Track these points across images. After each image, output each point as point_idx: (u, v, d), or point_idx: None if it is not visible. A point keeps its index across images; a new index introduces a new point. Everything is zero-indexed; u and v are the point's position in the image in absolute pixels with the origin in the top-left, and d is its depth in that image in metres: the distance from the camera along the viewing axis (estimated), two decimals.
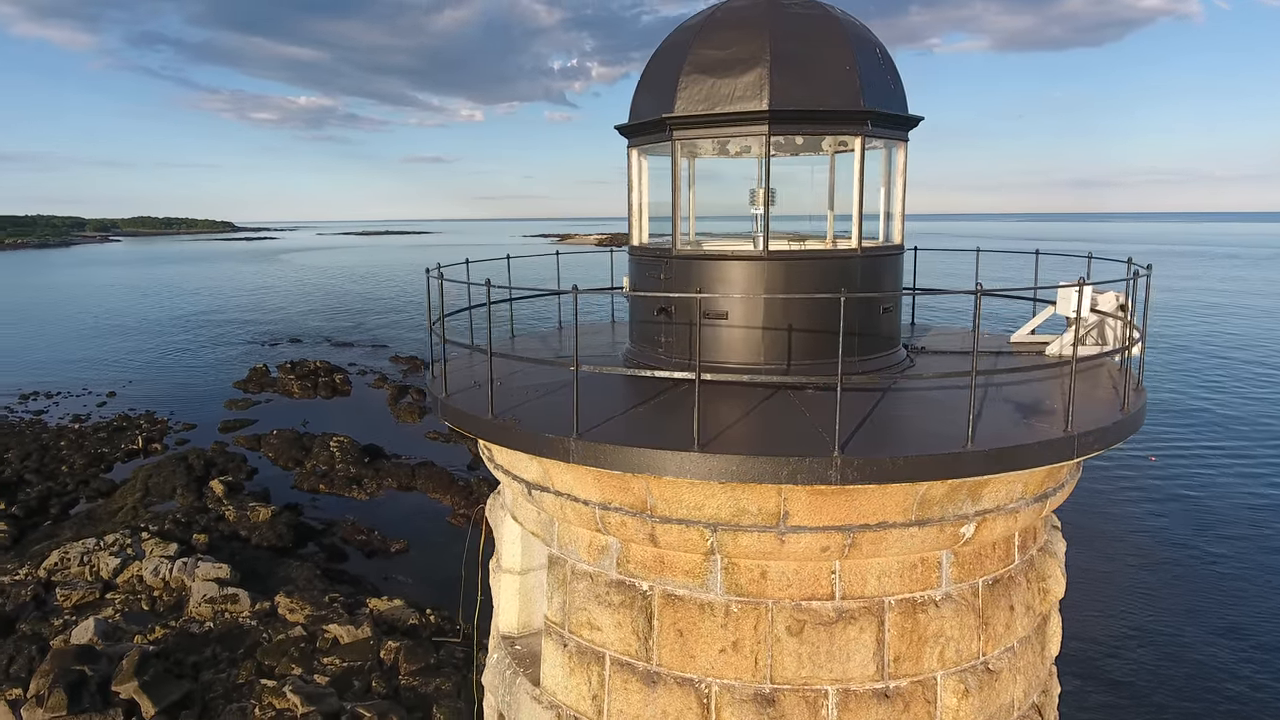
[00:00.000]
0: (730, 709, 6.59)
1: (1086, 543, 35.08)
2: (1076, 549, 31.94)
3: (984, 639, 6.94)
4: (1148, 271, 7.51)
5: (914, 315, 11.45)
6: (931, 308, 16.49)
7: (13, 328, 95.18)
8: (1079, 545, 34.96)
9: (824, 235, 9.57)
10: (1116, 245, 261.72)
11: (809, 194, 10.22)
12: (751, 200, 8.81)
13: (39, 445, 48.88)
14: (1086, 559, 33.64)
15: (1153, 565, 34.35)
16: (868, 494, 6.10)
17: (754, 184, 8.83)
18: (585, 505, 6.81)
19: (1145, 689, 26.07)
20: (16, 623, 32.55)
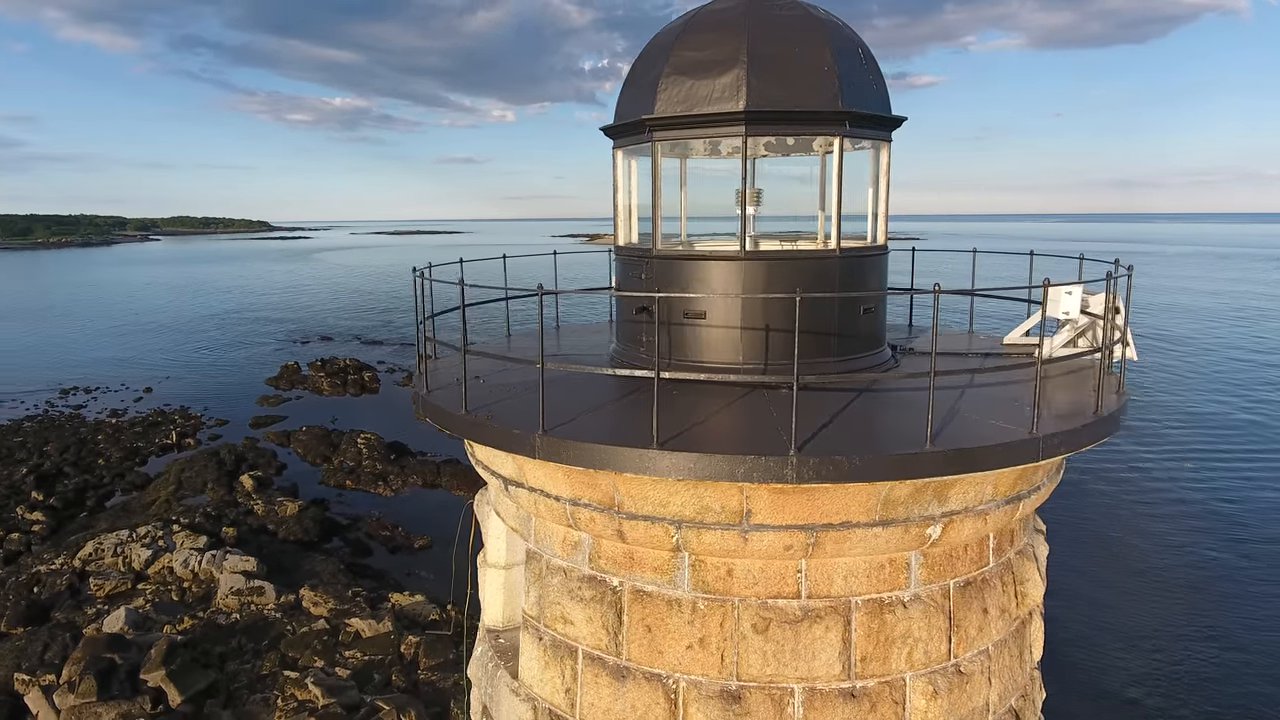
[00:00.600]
0: (697, 705, 6.68)
1: (1080, 545, 34.92)
2: (1070, 551, 31.61)
3: (955, 641, 6.93)
4: (1128, 273, 7.43)
5: (912, 316, 11.41)
6: (930, 309, 16.21)
7: (56, 325, 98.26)
8: (1073, 548, 34.59)
9: (815, 235, 9.60)
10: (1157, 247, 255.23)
11: (805, 194, 10.25)
12: (738, 200, 8.88)
13: (77, 439, 50.40)
14: (1080, 561, 33.52)
15: (1146, 569, 33.99)
16: (830, 493, 6.14)
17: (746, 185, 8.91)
18: (557, 501, 6.95)
19: (1136, 696, 25.77)
20: (51, 611, 33.61)
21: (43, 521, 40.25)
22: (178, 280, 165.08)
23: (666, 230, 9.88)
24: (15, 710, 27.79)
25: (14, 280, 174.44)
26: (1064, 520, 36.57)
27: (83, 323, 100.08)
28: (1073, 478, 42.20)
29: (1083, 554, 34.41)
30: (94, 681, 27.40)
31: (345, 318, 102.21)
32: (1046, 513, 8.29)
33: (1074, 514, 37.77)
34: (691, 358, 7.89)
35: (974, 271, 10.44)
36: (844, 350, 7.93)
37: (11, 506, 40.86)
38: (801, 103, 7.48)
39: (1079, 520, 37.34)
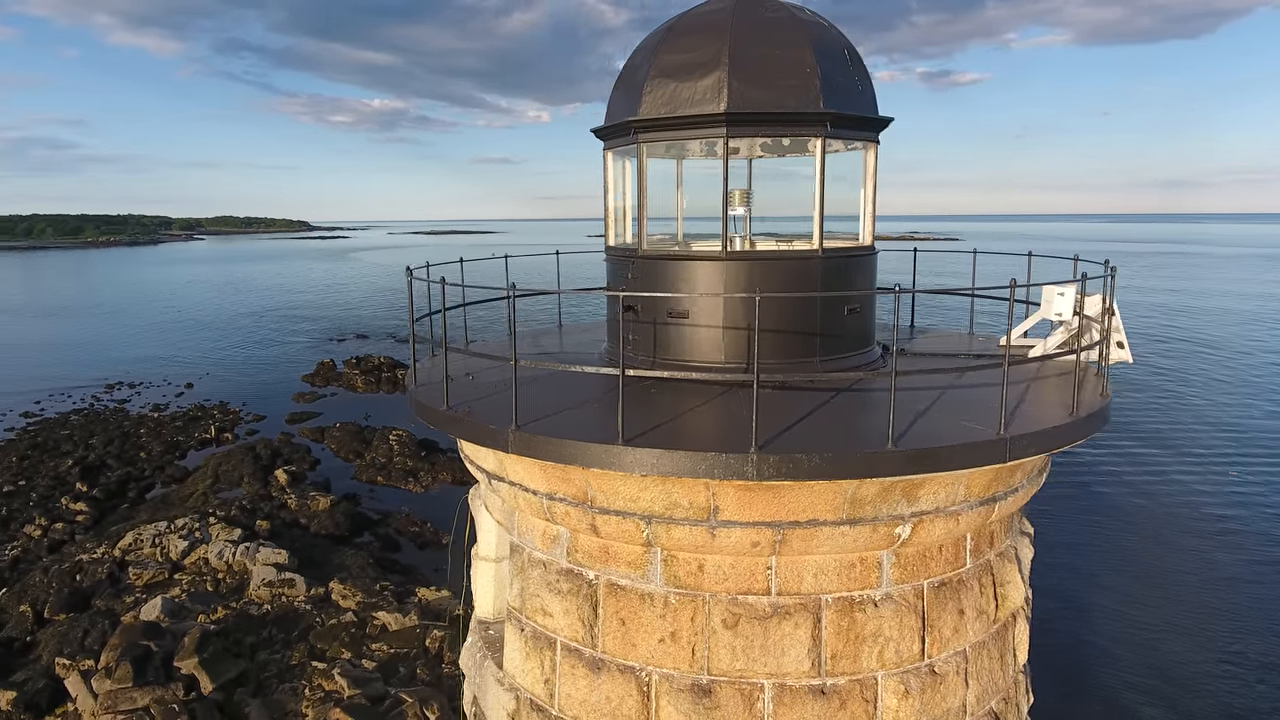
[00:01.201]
0: (668, 698, 6.82)
1: (1076, 546, 34.39)
2: (1067, 553, 30.96)
3: (929, 641, 6.97)
4: (1110, 273, 7.39)
5: (914, 317, 11.40)
6: (937, 309, 15.93)
7: (103, 322, 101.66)
8: (1070, 549, 34.08)
9: (810, 235, 9.67)
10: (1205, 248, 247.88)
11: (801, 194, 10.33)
12: (730, 201, 8.99)
13: (121, 432, 52.08)
14: (1075, 563, 33.02)
15: (1142, 573, 33.53)
16: (796, 491, 6.24)
17: (736, 185, 9.03)
18: (534, 495, 7.14)
19: (1128, 700, 25.41)
20: (92, 598, 34.80)
21: (86, 512, 41.67)
22: (219, 279, 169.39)
23: (665, 230, 10.05)
24: (56, 694, 28.83)
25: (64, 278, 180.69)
26: (1064, 521, 36.31)
27: (128, 320, 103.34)
28: (1080, 480, 41.57)
29: (1078, 556, 34.10)
30: (130, 667, 28.32)
31: (380, 316, 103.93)
32: (1042, 515, 8.21)
33: (1074, 516, 37.35)
34: (675, 356, 8.03)
35: (974, 272, 10.39)
36: (827, 350, 8.00)
37: (57, 497, 42.39)
38: (782, 104, 7.58)
39: (1078, 522, 37.01)
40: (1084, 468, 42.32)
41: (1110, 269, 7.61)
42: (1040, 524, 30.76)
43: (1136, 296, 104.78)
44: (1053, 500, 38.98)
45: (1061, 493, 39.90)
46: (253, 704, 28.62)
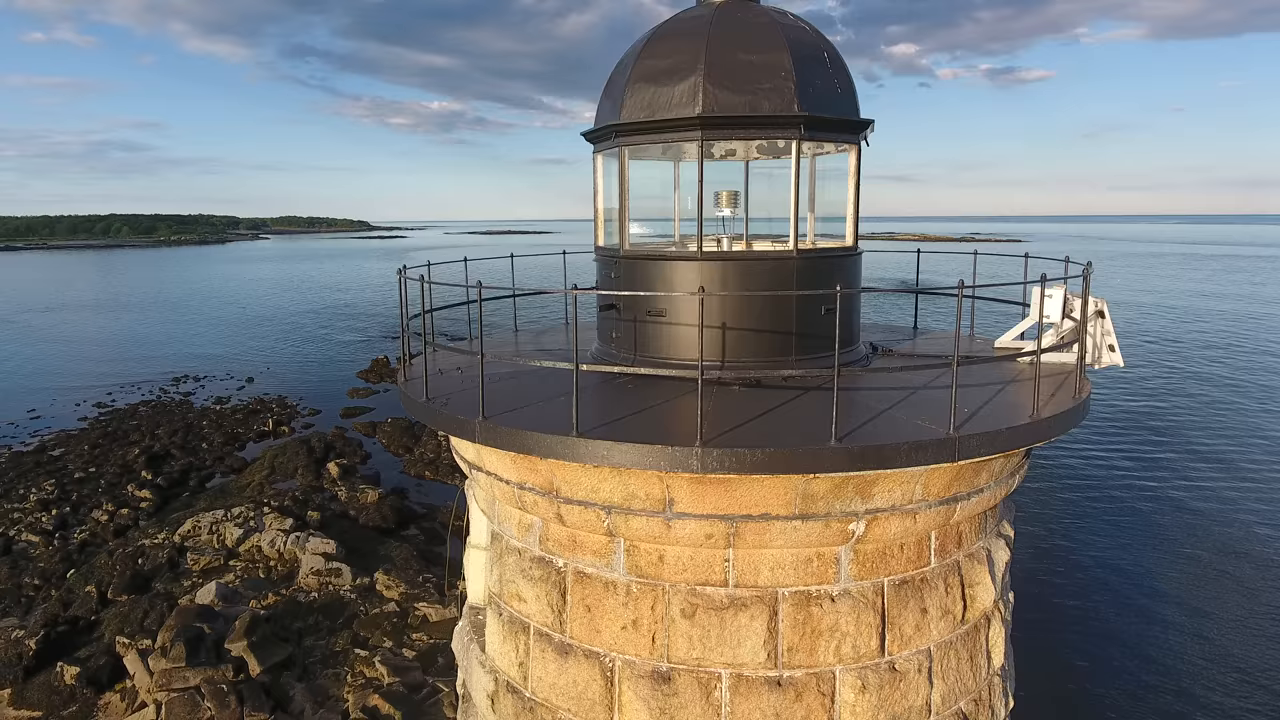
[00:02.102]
0: (629, 683, 7.10)
1: (1068, 551, 33.88)
2: (1058, 557, 30.34)
3: (890, 638, 7.10)
4: (1082, 273, 7.37)
5: (916, 318, 11.43)
6: (947, 312, 15.61)
7: (172, 318, 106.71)
8: (1062, 555, 33.53)
9: (804, 236, 9.83)
10: None
11: None
12: (716, 202, 9.24)
13: (185, 424, 54.64)
14: (1066, 568, 32.61)
15: (1147, 583, 32.50)
16: (747, 485, 6.45)
17: (729, 186, 9.27)
18: (507, 485, 7.51)
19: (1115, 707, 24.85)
20: (152, 581, 36.67)
21: (150, 499, 43.86)
22: (282, 277, 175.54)
23: (664, 232, 10.33)
24: (116, 670, 30.48)
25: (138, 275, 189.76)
26: (1059, 524, 35.96)
27: (195, 316, 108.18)
28: (1081, 485, 40.63)
29: (1078, 559, 33.56)
30: (184, 648, 29.81)
31: (435, 315, 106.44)
32: (1035, 517, 8.14)
33: (1086, 523, 36.71)
34: (655, 354, 8.31)
35: (975, 272, 10.39)
36: (804, 349, 8.16)
37: (124, 484, 44.70)
38: (757, 107, 7.78)
39: (1083, 527, 36.25)
40: (1114, 475, 41.54)
41: (1086, 267, 7.59)
42: (1042, 526, 30.27)
43: (1210, 303, 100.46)
44: (1060, 504, 38.58)
45: (1077, 497, 39.34)
46: (297, 687, 29.83)
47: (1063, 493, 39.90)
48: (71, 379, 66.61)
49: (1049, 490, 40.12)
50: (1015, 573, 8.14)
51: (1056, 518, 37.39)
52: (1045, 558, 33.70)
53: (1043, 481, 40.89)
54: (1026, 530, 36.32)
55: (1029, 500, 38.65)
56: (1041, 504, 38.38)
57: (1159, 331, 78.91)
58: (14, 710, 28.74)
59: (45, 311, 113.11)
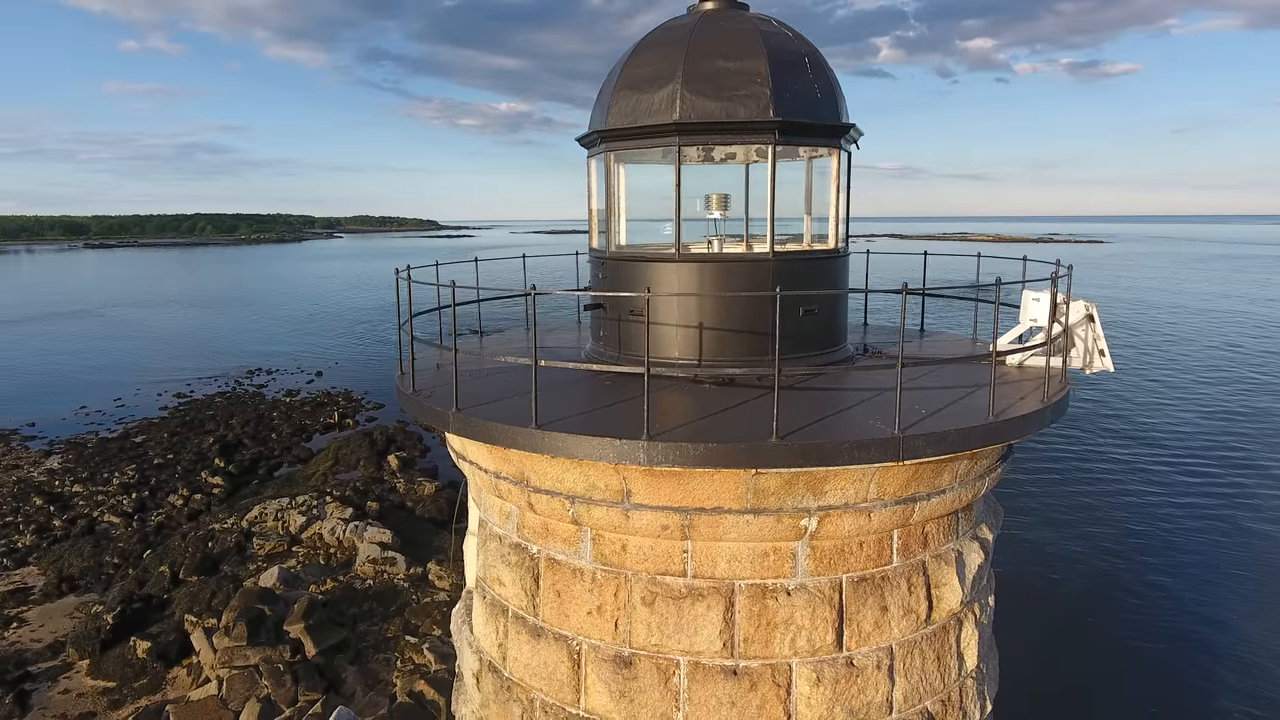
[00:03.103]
0: (594, 666, 7.49)
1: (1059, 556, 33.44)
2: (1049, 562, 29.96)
3: (847, 634, 7.28)
4: (1051, 277, 7.40)
5: (923, 320, 11.47)
6: (957, 314, 15.49)
7: (249, 313, 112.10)
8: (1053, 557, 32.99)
9: (801, 238, 10.04)
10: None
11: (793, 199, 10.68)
12: (706, 205, 9.54)
13: (257, 415, 57.45)
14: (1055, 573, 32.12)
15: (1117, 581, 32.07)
16: (699, 478, 6.76)
17: (728, 189, 9.58)
18: (486, 474, 7.99)
19: None
20: (220, 564, 38.77)
21: (222, 485, 46.30)
22: (353, 274, 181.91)
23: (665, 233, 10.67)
24: (184, 646, 32.39)
25: (219, 272, 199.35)
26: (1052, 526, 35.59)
27: (271, 311, 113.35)
28: (1080, 492, 39.52)
29: (1075, 564, 33.15)
30: (245, 628, 31.49)
31: (498, 313, 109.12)
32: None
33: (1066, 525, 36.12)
34: (636, 352, 8.66)
35: (978, 274, 10.39)
36: (782, 350, 8.34)
37: (198, 471, 47.33)
38: (733, 114, 8.05)
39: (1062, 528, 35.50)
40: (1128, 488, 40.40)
41: (1067, 268, 7.60)
42: (1044, 530, 29.62)
43: None
44: (1064, 510, 37.97)
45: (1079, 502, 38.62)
46: (349, 670, 31.19)
47: (1103, 506, 38.93)
48: (155, 370, 70.81)
49: (1077, 496, 39.54)
50: (1025, 577, 8.15)
51: (1076, 522, 37.06)
52: (1052, 561, 33.67)
53: (1071, 486, 40.12)
54: (1040, 534, 36.03)
55: (1055, 504, 38.34)
56: (1065, 510, 37.93)
57: (1236, 338, 75.27)
58: (90, 680, 30.86)
59: (134, 306, 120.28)
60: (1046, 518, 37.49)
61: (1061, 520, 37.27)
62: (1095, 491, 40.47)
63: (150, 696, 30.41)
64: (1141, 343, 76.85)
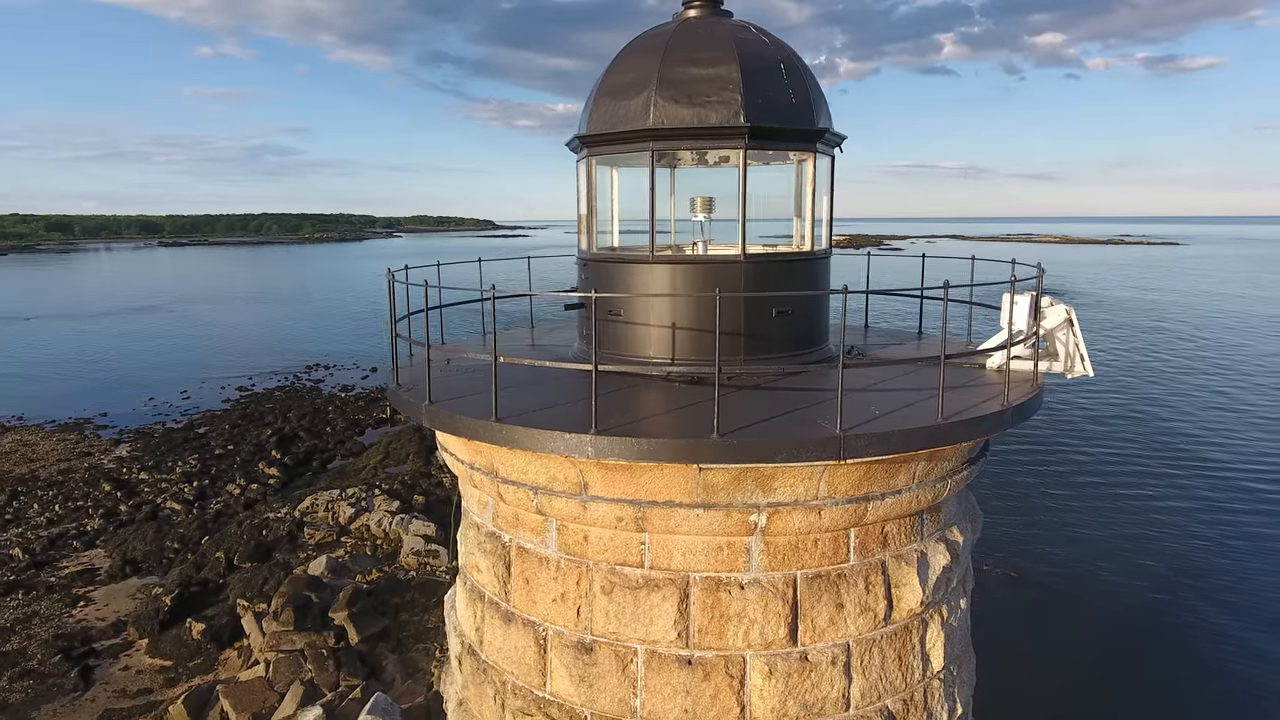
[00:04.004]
0: (558, 651, 7.86)
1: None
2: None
3: (802, 629, 7.49)
4: (1014, 278, 7.45)
5: (921, 321, 11.53)
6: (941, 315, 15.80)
7: (311, 309, 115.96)
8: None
9: (790, 240, 10.24)
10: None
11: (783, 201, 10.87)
12: (692, 208, 9.83)
13: (313, 408, 59.55)
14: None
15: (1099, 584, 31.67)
16: (650, 472, 7.06)
17: (700, 193, 9.85)
18: (463, 465, 8.44)
19: None
20: (273, 551, 40.41)
21: (277, 476, 48.19)
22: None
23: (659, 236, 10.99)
24: (235, 630, 33.92)
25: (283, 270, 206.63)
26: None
27: (331, 308, 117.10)
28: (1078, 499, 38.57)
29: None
30: (292, 614, 32.82)
31: (549, 311, 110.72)
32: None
33: None
34: (614, 351, 9.00)
35: (972, 277, 10.41)
36: (752, 350, 8.62)
37: (256, 461, 49.35)
38: (704, 119, 8.32)
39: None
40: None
41: (1039, 268, 7.66)
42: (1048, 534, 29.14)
43: None
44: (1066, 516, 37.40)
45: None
46: (390, 658, 32.25)
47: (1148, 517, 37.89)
48: (220, 365, 74.01)
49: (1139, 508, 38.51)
50: (1031, 581, 8.12)
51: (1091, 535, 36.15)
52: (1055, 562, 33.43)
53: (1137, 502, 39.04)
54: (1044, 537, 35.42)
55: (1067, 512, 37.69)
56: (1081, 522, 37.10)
57: None
58: (149, 658, 32.58)
59: (202, 302, 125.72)
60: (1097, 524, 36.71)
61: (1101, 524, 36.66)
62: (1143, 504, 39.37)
63: (203, 676, 31.94)
64: (1216, 350, 73.80)
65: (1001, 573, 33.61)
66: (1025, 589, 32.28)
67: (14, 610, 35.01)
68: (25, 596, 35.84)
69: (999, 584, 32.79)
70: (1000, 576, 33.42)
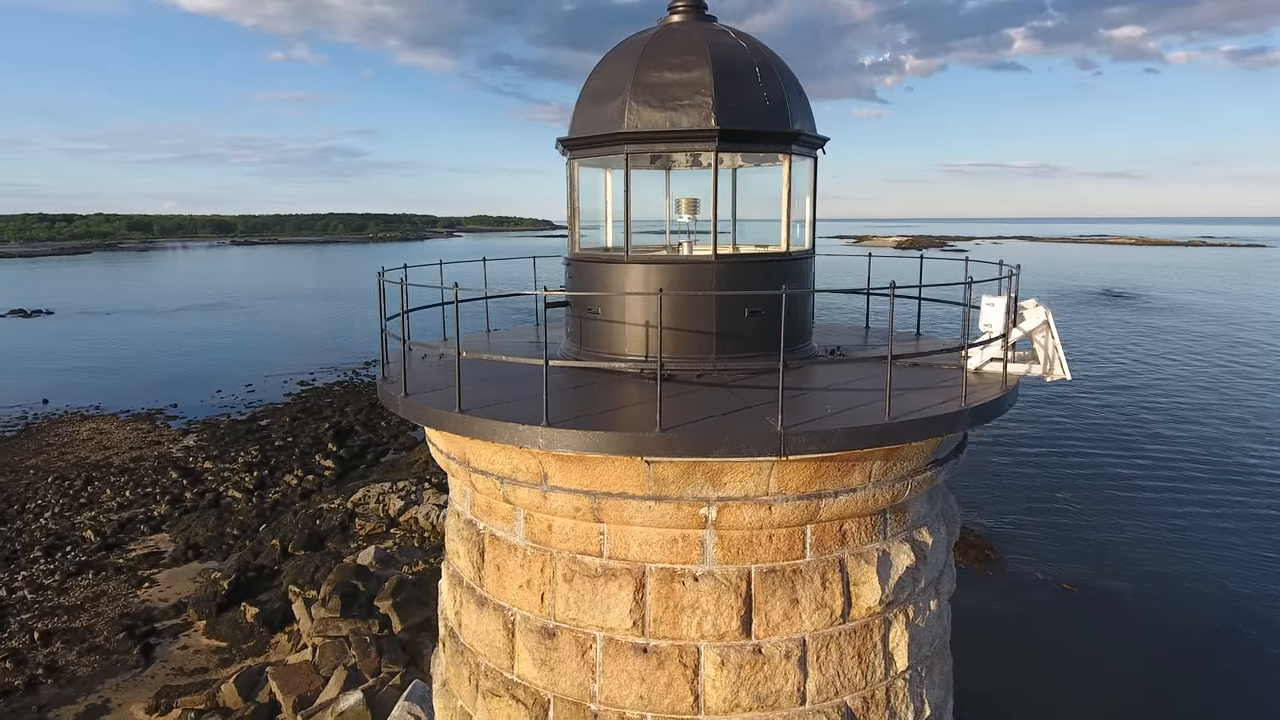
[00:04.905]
0: (523, 635, 8.24)
1: None
2: None
3: (756, 622, 7.69)
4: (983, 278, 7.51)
5: (919, 324, 11.55)
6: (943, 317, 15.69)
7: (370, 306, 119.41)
8: None
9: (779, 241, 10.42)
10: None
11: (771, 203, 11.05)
12: (676, 209, 10.10)
13: (369, 403, 61.49)
14: None
15: None
16: (603, 465, 7.37)
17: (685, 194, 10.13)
18: (443, 455, 8.88)
19: None
20: (325, 541, 41.99)
21: (332, 468, 49.97)
22: (466, 272, 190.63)
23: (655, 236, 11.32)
24: (286, 614, 35.37)
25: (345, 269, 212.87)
26: None
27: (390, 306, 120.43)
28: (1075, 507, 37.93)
29: None
30: (340, 601, 34.11)
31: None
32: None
33: None
34: (593, 347, 9.34)
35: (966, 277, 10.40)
36: (723, 349, 8.84)
37: (313, 454, 51.26)
38: (677, 123, 8.58)
39: None
40: None
41: (1014, 268, 7.70)
42: None
43: None
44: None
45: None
46: (430, 647, 33.20)
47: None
48: (283, 359, 77.05)
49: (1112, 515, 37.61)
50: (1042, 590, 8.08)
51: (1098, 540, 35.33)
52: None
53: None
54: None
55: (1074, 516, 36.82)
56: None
57: None
58: (206, 639, 34.28)
59: (270, 299, 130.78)
60: None
61: None
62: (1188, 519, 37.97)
63: (255, 658, 33.43)
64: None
65: (1053, 582, 32.86)
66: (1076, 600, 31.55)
67: (85, 589, 37.21)
68: (95, 576, 38.05)
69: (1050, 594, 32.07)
70: (1051, 586, 32.68)
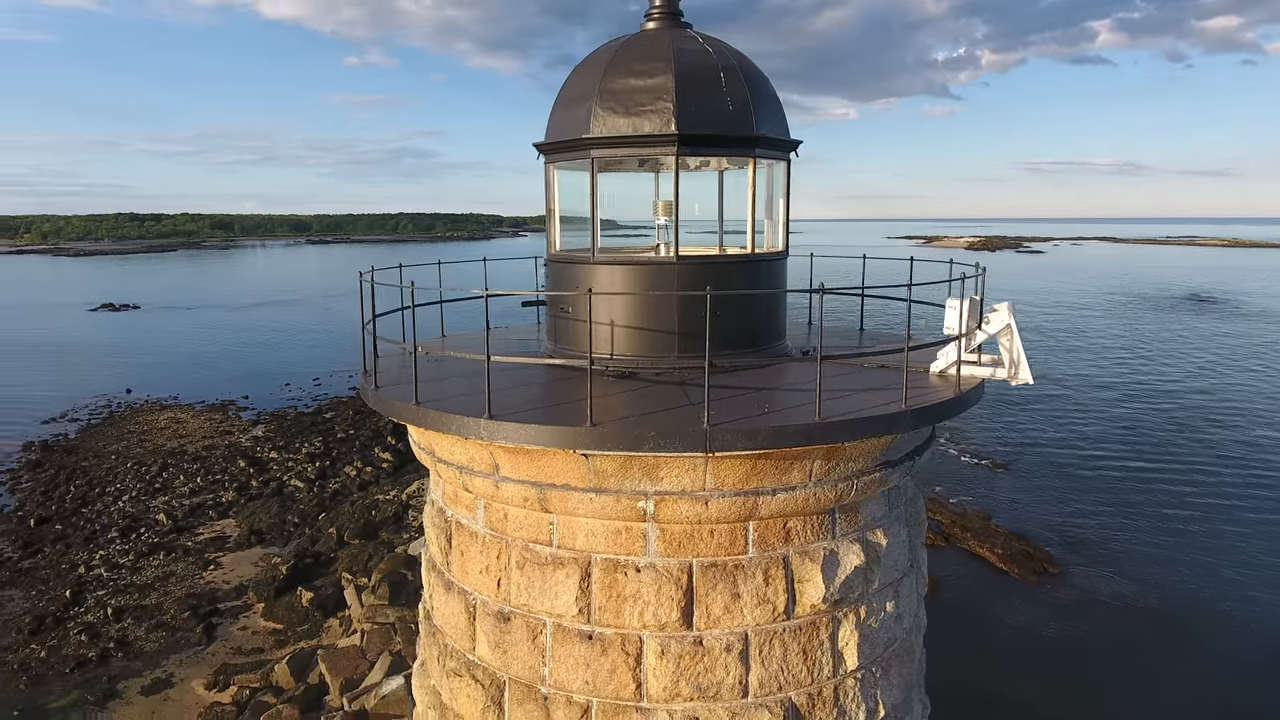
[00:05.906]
0: (481, 619, 8.70)
1: None
2: None
3: (697, 615, 7.95)
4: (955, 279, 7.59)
5: (909, 325, 11.55)
6: None
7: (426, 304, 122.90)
8: None
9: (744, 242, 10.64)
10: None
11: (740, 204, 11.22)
12: (655, 212, 10.42)
13: None
14: None
15: None
16: (547, 457, 7.75)
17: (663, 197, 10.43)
18: (417, 445, 9.42)
19: None
20: (379, 531, 43.53)
21: (390, 461, 51.68)
22: (521, 272, 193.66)
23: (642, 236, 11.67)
24: (339, 600, 36.87)
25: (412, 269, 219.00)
26: None
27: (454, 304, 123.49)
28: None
29: None
30: (388, 589, 35.40)
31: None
32: None
33: None
34: (564, 344, 9.74)
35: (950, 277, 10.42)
36: (685, 348, 9.12)
37: (373, 446, 53.16)
38: (639, 128, 8.90)
39: None
40: None
41: (980, 269, 7.77)
42: None
43: None
44: None
45: None
46: None
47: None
48: (350, 355, 79.92)
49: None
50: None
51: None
52: None
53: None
54: None
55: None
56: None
57: None
58: (263, 621, 36.03)
59: (341, 296, 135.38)
60: None
61: None
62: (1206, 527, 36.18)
63: (307, 640, 34.99)
64: None
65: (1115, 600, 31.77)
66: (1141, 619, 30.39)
67: (155, 569, 39.56)
68: (165, 557, 40.40)
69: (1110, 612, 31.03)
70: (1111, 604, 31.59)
